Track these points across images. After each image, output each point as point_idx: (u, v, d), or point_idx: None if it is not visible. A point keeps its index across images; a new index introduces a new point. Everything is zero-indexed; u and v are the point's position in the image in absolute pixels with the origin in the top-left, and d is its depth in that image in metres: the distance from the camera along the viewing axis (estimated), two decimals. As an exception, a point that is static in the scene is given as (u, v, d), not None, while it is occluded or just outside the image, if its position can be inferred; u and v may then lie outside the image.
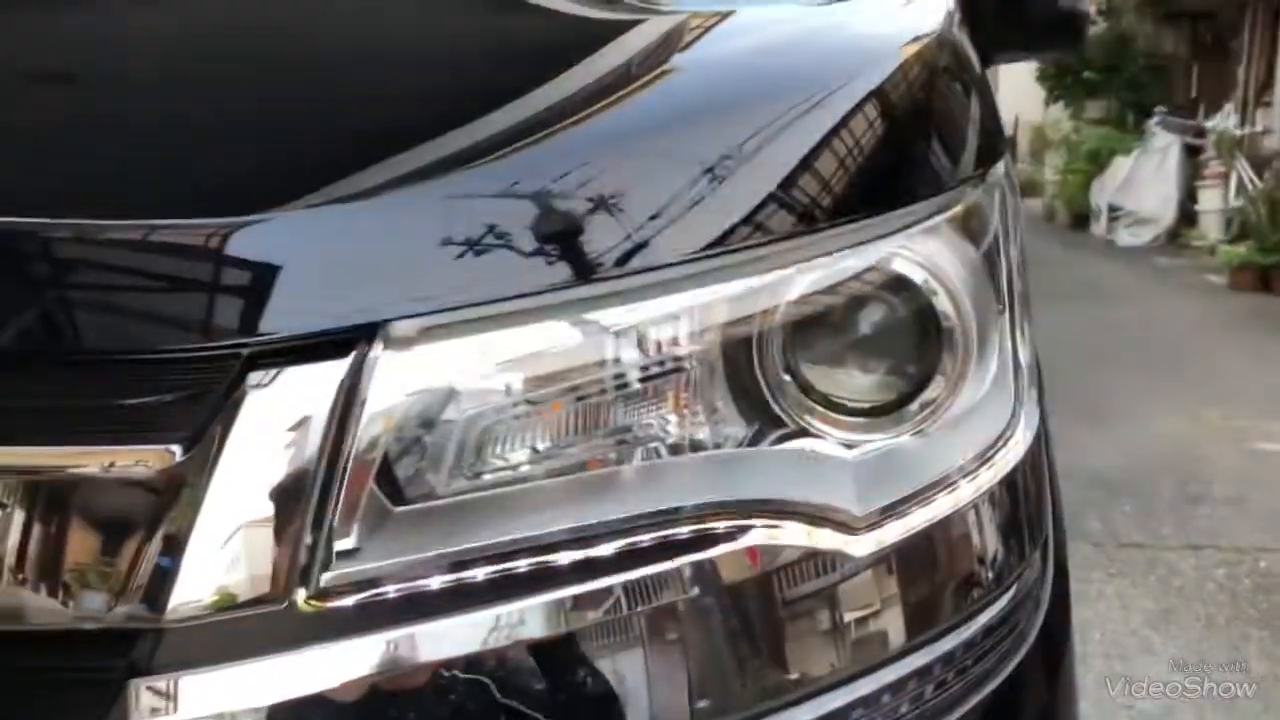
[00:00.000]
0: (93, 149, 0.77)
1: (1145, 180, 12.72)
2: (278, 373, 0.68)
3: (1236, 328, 7.36)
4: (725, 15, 1.05)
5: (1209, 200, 11.65)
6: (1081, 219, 14.42)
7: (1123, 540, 3.63)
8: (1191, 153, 12.53)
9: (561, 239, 0.73)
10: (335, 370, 0.69)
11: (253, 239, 0.69)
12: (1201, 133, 12.78)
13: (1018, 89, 16.34)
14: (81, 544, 0.67)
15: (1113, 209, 13.22)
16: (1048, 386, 1.08)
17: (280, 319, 0.68)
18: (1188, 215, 12.22)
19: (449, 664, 0.70)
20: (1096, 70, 15.28)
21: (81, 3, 1.14)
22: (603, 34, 1.05)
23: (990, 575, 0.86)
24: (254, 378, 0.68)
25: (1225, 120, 12.39)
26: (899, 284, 0.83)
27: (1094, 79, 15.41)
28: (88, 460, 0.66)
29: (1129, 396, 5.39)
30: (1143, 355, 6.44)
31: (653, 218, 0.75)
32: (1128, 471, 4.26)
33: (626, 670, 0.73)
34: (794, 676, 0.77)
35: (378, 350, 0.70)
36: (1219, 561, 3.46)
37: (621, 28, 1.06)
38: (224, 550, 0.67)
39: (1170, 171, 12.50)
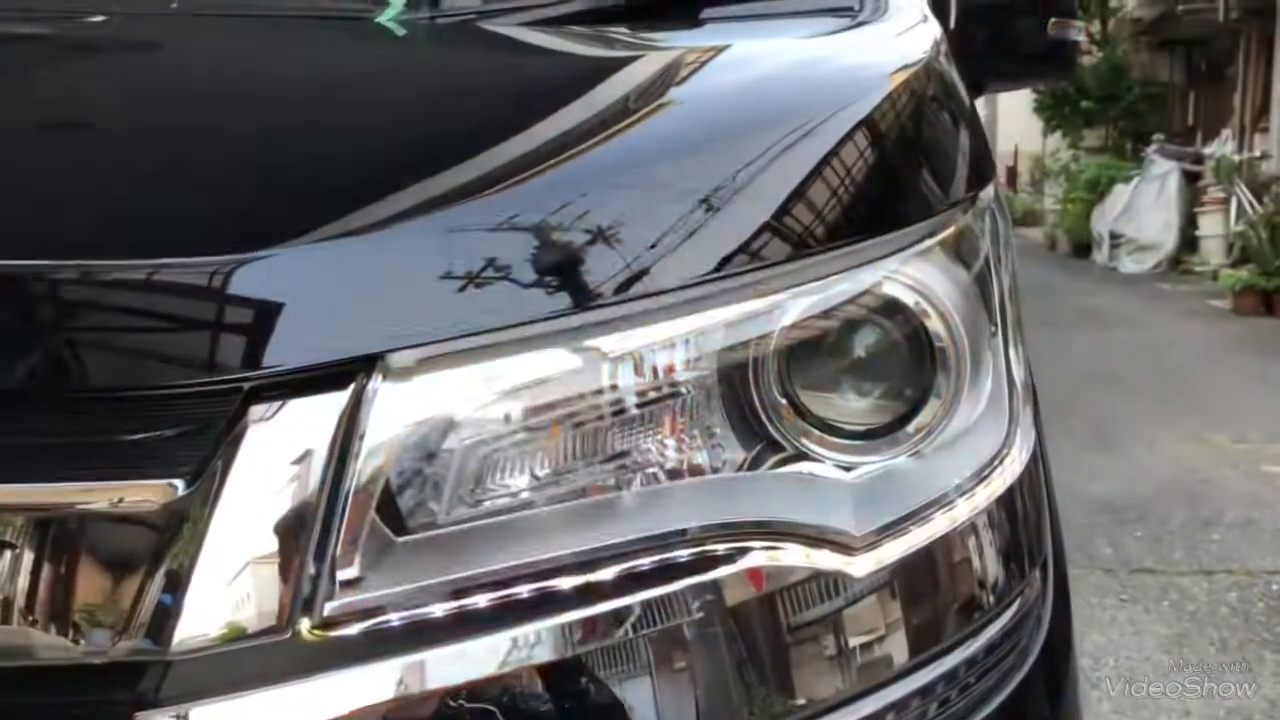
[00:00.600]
0: (93, 191, 0.79)
1: (1146, 207, 12.78)
2: (279, 406, 0.69)
3: (1241, 351, 7.36)
4: (719, 49, 1.07)
5: (1210, 226, 11.69)
6: (1083, 247, 14.48)
7: (1134, 566, 3.62)
8: (1190, 179, 12.60)
9: (558, 268, 0.75)
10: (335, 402, 0.70)
11: (252, 275, 0.70)
12: (1200, 159, 12.85)
13: (1016, 120, 16.46)
14: (86, 579, 0.67)
15: (1114, 236, 13.28)
16: (1053, 411, 1.09)
17: (280, 353, 0.69)
18: (1189, 241, 12.26)
19: (454, 691, 0.70)
20: (1094, 99, 15.39)
21: (83, 50, 1.16)
22: (600, 69, 1.07)
23: (990, 593, 0.86)
24: (255, 411, 0.69)
25: (1223, 146, 12.47)
26: (892, 307, 0.84)
27: (1091, 108, 15.52)
28: (92, 497, 0.67)
29: (1136, 421, 5.38)
30: (1148, 380, 6.44)
31: (648, 246, 0.76)
32: (1136, 496, 4.25)
33: (630, 694, 0.73)
34: (797, 698, 0.78)
35: (377, 381, 0.71)
36: (1231, 585, 3.44)
37: (618, 63, 1.09)
38: (228, 582, 0.68)
39: (1170, 198, 12.56)
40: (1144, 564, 3.63)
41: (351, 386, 0.70)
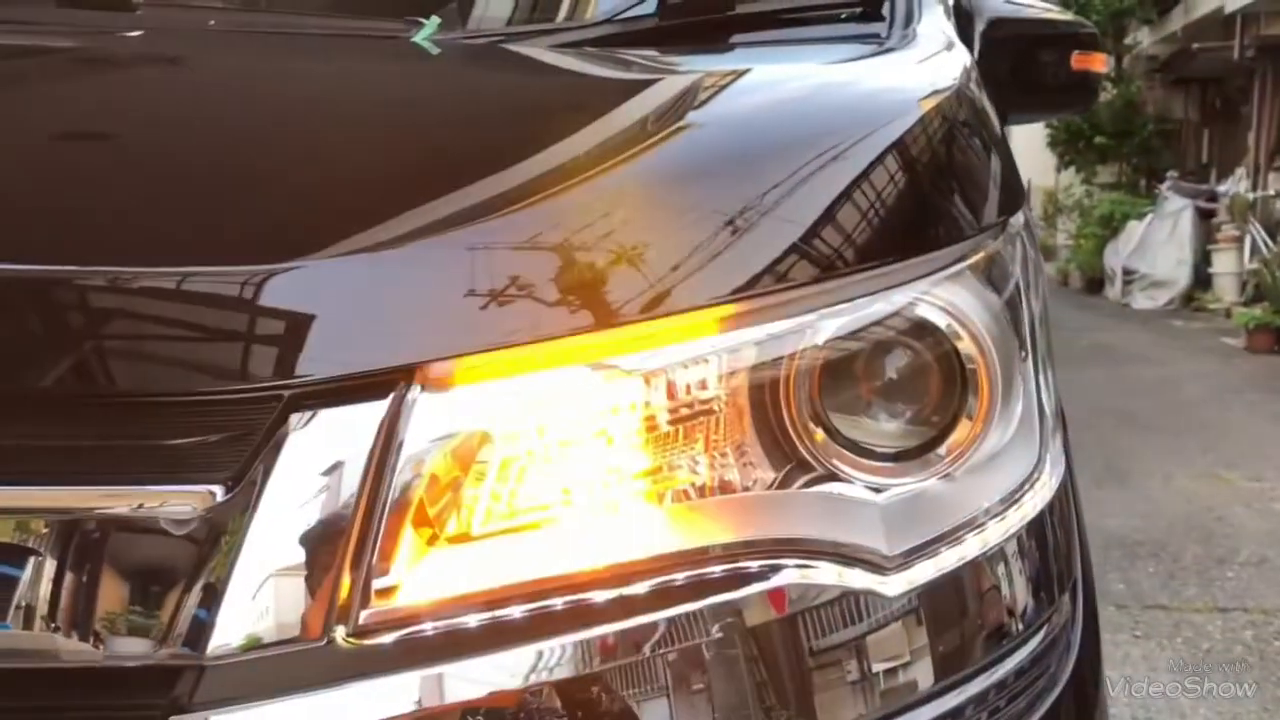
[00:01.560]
0: (140, 200, 0.80)
1: (1159, 244, 12.78)
2: (318, 414, 0.70)
3: (1254, 389, 7.33)
4: (749, 73, 1.08)
5: (1223, 263, 11.68)
6: (1096, 283, 14.47)
7: (1147, 602, 3.59)
8: (1204, 216, 12.59)
9: (593, 284, 0.75)
10: (375, 412, 0.70)
11: (294, 284, 0.71)
12: (1214, 197, 12.85)
13: (1030, 154, 16.47)
14: (124, 584, 0.68)
15: (1127, 273, 13.27)
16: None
17: (321, 362, 0.70)
18: (1202, 278, 12.24)
19: (486, 701, 0.70)
20: (1108, 135, 15.42)
21: (128, 65, 1.17)
22: (630, 90, 1.08)
23: (1020, 617, 0.86)
24: (295, 420, 0.69)
25: (1237, 184, 12.47)
26: (923, 329, 0.84)
27: (1105, 144, 15.54)
28: (131, 501, 0.67)
29: (1149, 457, 5.36)
30: (1161, 416, 6.41)
31: (681, 264, 0.77)
32: (1149, 532, 4.22)
33: (661, 707, 0.73)
34: (826, 718, 0.77)
35: (416, 391, 0.71)
36: (1246, 624, 3.41)
37: (648, 85, 1.10)
38: (265, 589, 0.68)
39: (1184, 235, 12.55)
40: (1157, 600, 3.60)
41: (391, 396, 0.71)
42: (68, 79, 1.08)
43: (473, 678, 0.70)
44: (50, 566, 0.66)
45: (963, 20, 1.62)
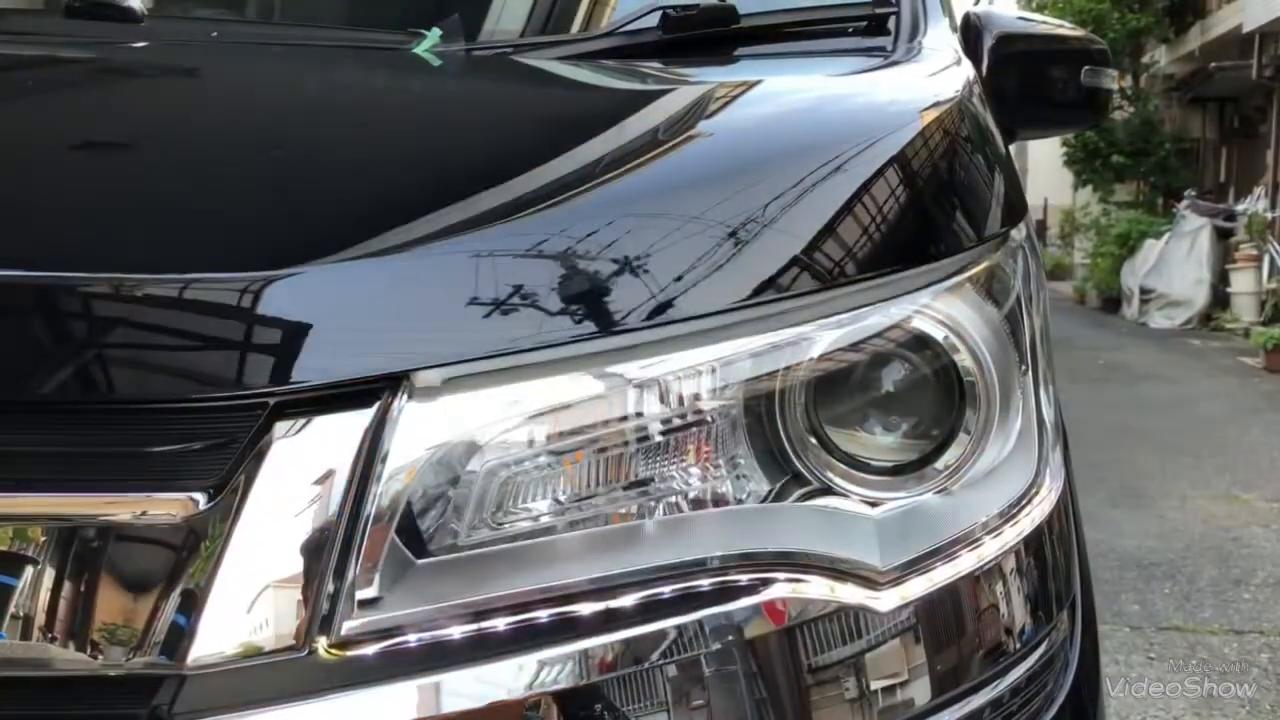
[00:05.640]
0: (128, 207, 0.80)
1: (1176, 263, 12.71)
2: (303, 423, 0.69)
3: (1273, 409, 7.27)
4: (751, 84, 1.08)
5: (1241, 283, 11.60)
6: (1112, 302, 14.39)
7: (1162, 623, 3.55)
8: (1222, 235, 12.52)
9: (584, 293, 0.75)
10: (360, 420, 0.70)
11: (279, 292, 0.70)
12: (1232, 216, 12.78)
13: (1046, 173, 16.45)
14: (103, 592, 0.67)
15: (1144, 291, 13.20)
16: (1082, 465, 1.07)
17: (306, 369, 0.69)
18: (1220, 298, 12.16)
19: (470, 714, 0.69)
20: (1125, 154, 15.36)
21: (127, 74, 1.18)
22: (632, 101, 1.07)
23: (1017, 634, 0.85)
24: (279, 428, 0.69)
25: (1256, 203, 12.39)
26: (921, 342, 0.83)
27: (1122, 163, 15.48)
28: (111, 507, 0.67)
29: (1165, 477, 5.31)
30: (1178, 436, 6.36)
31: (675, 273, 0.76)
32: (1165, 553, 4.18)
33: (647, 719, 0.72)
34: (819, 735, 0.76)
35: (402, 400, 0.71)
36: (1262, 646, 3.37)
37: (650, 96, 1.09)
38: (246, 598, 0.67)
39: (1202, 254, 12.48)
40: (1172, 622, 3.56)
41: (376, 405, 0.70)
42: (70, 88, 1.09)
43: (457, 690, 0.69)
44: (27, 573, 0.66)
45: (970, 35, 1.62)
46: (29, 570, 0.66)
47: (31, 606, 0.66)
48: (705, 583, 0.74)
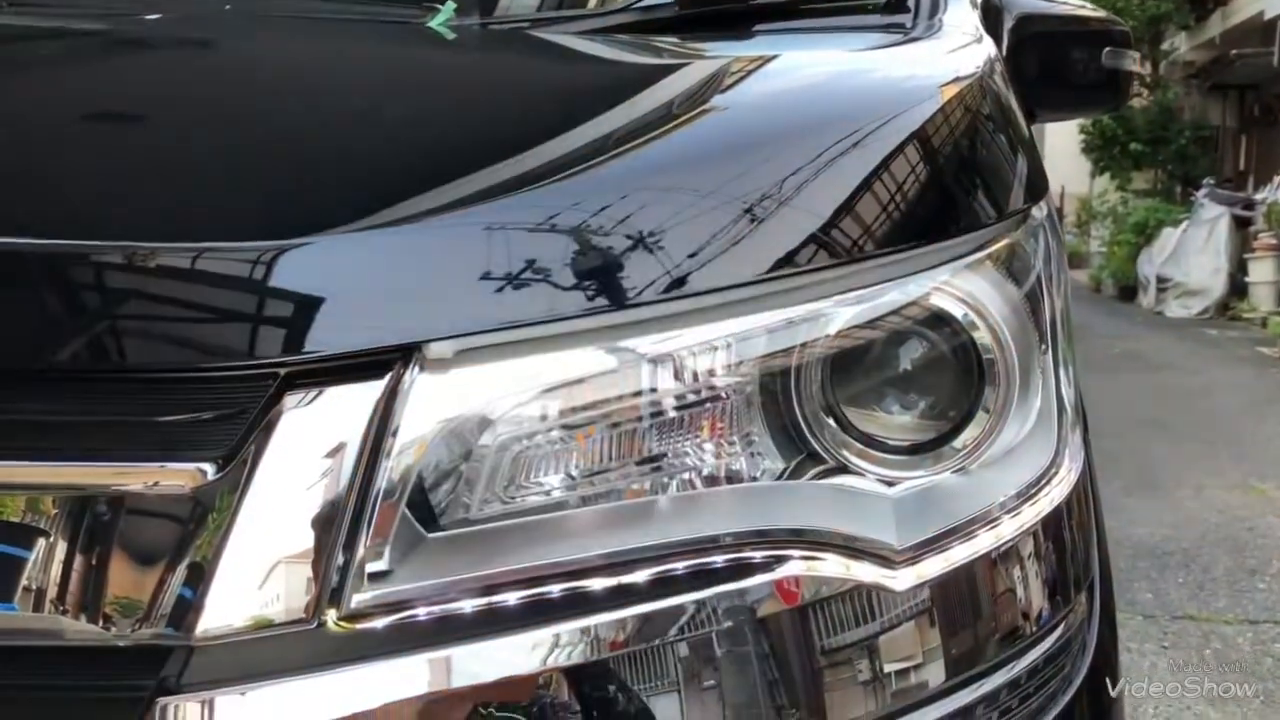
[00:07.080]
0: (141, 177, 0.79)
1: (1194, 252, 12.62)
2: (314, 394, 0.69)
3: (1290, 400, 7.22)
4: (769, 59, 1.06)
5: (1260, 272, 11.52)
6: (1129, 290, 14.31)
7: (1176, 613, 3.53)
8: (1241, 224, 12.42)
9: (598, 266, 0.74)
10: (371, 391, 0.69)
11: (291, 262, 0.70)
12: (1251, 204, 12.68)
13: (1063, 161, 16.32)
14: (110, 562, 0.66)
15: (1161, 280, 13.12)
16: (1097, 454, 1.05)
17: (317, 339, 0.69)
18: (1238, 287, 12.08)
19: (480, 688, 0.69)
20: (1143, 142, 15.26)
21: (140, 46, 1.17)
22: (648, 75, 1.06)
23: (1034, 616, 0.84)
24: (290, 399, 0.68)
25: (1275, 192, 12.29)
26: (940, 319, 0.82)
27: (1140, 150, 15.37)
28: (125, 478, 0.66)
29: (1180, 466, 5.28)
30: (1194, 426, 6.32)
31: (690, 248, 0.75)
32: (1180, 542, 4.16)
33: (658, 697, 0.71)
34: (832, 715, 0.75)
35: (414, 372, 0.70)
36: (1277, 635, 3.35)
37: (666, 70, 1.08)
38: (255, 570, 0.67)
39: (1219, 243, 12.39)
40: (1186, 611, 3.55)
41: (388, 376, 0.69)
42: (83, 59, 1.08)
43: (467, 665, 0.69)
44: (36, 543, 0.66)
45: (991, 16, 1.60)
46: (41, 542, 0.66)
47: (44, 579, 0.66)
48: (719, 559, 0.73)
